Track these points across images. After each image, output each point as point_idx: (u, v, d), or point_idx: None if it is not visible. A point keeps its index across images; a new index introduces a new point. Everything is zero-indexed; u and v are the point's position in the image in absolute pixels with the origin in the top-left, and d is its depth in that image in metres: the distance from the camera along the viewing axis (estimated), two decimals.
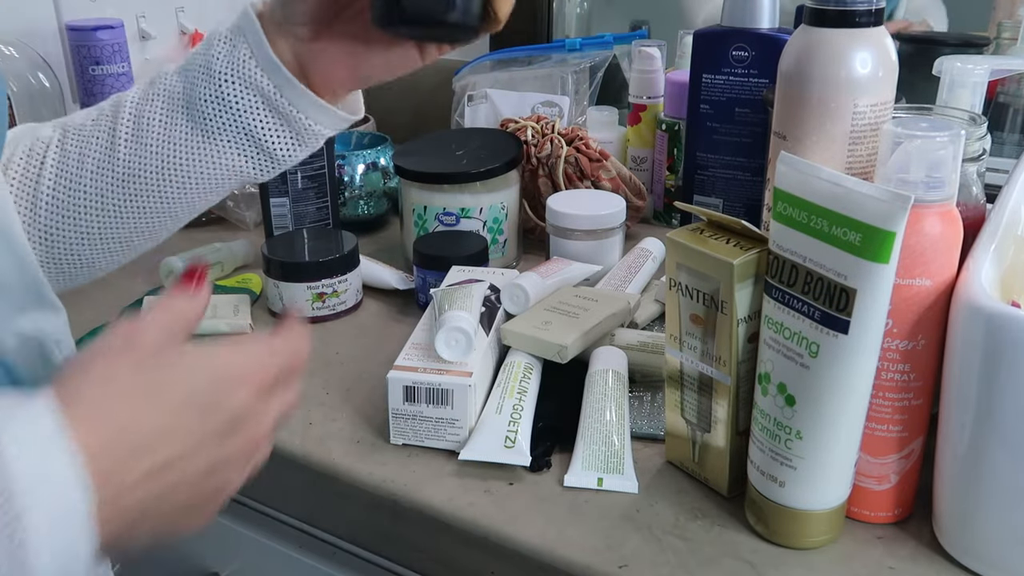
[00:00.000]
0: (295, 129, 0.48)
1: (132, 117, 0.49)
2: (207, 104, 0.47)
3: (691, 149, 0.83)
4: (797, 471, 0.46)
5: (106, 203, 0.49)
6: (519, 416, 0.56)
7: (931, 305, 0.45)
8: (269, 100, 0.47)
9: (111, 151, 0.49)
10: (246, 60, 0.46)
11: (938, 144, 0.44)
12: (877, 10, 0.50)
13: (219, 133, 0.48)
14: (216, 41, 0.48)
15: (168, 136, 0.48)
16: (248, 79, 0.47)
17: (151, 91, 0.49)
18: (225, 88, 0.47)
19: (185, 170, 0.48)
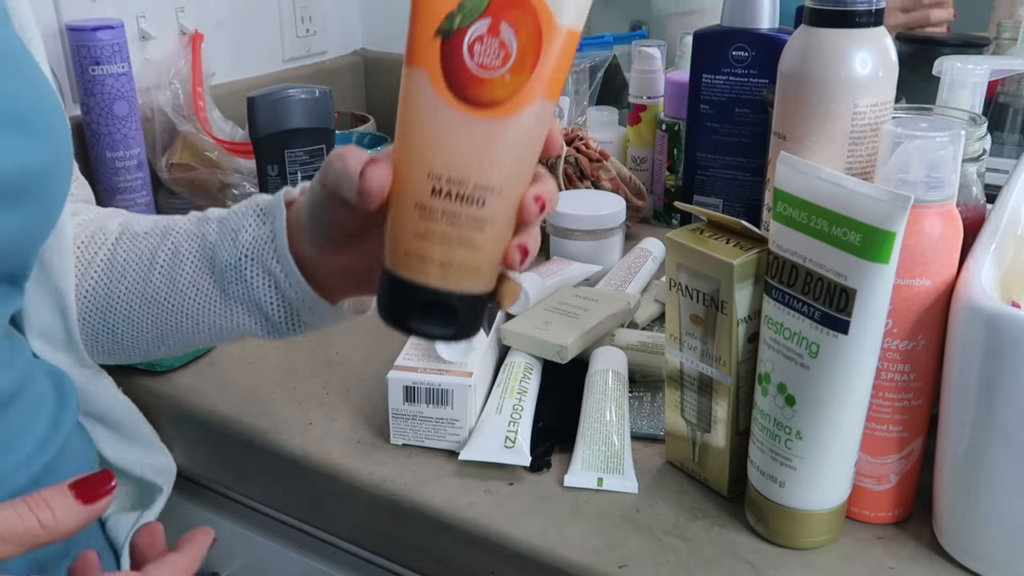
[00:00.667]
0: (298, 314, 0.51)
1: (171, 250, 0.52)
2: (227, 270, 0.50)
3: (691, 149, 0.83)
4: (797, 471, 0.46)
5: (133, 314, 0.53)
6: (519, 416, 0.56)
7: (931, 305, 0.45)
8: (279, 286, 0.49)
9: (148, 272, 0.52)
10: (266, 244, 0.49)
11: (938, 144, 0.44)
12: (877, 10, 0.50)
13: (234, 297, 0.51)
14: (249, 211, 0.50)
15: (194, 281, 0.51)
16: (264, 262, 0.49)
17: (193, 229, 0.52)
18: (244, 263, 0.50)
19: (202, 315, 0.52)
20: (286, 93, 0.80)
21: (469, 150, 0.36)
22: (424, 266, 0.37)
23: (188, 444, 0.64)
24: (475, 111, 0.36)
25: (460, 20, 0.36)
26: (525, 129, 0.37)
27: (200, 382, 0.65)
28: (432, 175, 0.37)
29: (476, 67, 0.36)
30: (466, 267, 0.37)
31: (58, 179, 0.46)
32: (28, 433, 0.48)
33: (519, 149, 0.37)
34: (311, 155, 0.83)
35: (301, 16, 1.17)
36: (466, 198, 0.36)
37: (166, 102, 0.93)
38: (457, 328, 0.39)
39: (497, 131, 0.36)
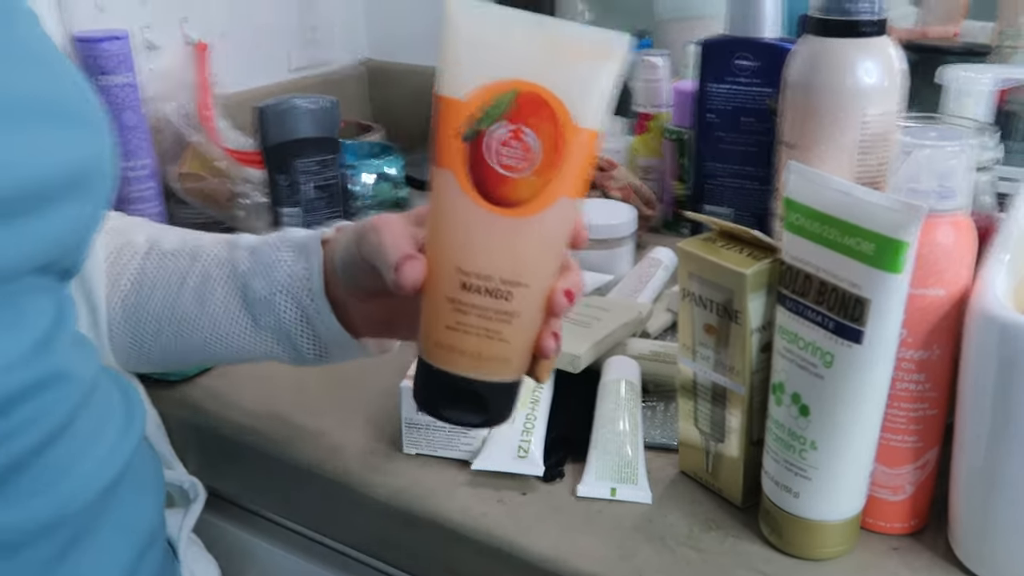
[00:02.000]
0: (327, 348, 0.52)
1: (202, 274, 0.53)
2: (260, 302, 0.52)
3: (699, 158, 0.84)
4: (812, 482, 0.46)
5: (161, 332, 0.54)
6: (532, 426, 0.56)
7: (945, 315, 0.45)
8: (310, 320, 0.51)
9: (178, 292, 0.53)
10: (301, 282, 0.51)
11: (949, 153, 0.44)
12: (880, 20, 0.50)
13: (265, 326, 0.52)
14: (283, 246, 0.52)
15: (225, 307, 0.53)
16: (298, 298, 0.51)
17: (223, 254, 0.54)
18: (278, 298, 0.51)
19: (231, 340, 0.53)
20: (294, 103, 0.80)
21: (496, 247, 0.38)
22: (454, 357, 0.39)
23: (201, 454, 0.64)
24: (501, 210, 0.38)
25: (483, 124, 0.38)
26: (549, 226, 0.39)
27: (213, 392, 0.65)
28: (461, 270, 0.39)
29: (500, 168, 0.38)
30: (495, 358, 0.40)
31: (105, 172, 0.47)
32: (104, 432, 0.47)
33: (544, 245, 0.39)
34: (321, 165, 0.83)
35: (307, 25, 1.17)
36: (493, 292, 0.39)
37: (173, 112, 0.94)
38: (488, 416, 0.41)
39: (522, 229, 0.38)
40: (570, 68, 0.37)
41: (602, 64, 0.38)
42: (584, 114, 0.38)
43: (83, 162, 0.43)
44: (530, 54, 0.38)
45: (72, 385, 0.44)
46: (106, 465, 0.47)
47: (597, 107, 0.38)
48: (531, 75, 0.37)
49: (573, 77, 0.37)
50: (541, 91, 0.37)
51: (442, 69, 0.38)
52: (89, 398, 0.46)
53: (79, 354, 0.46)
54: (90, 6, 0.90)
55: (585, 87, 0.38)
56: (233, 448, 0.62)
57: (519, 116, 0.37)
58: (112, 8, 0.92)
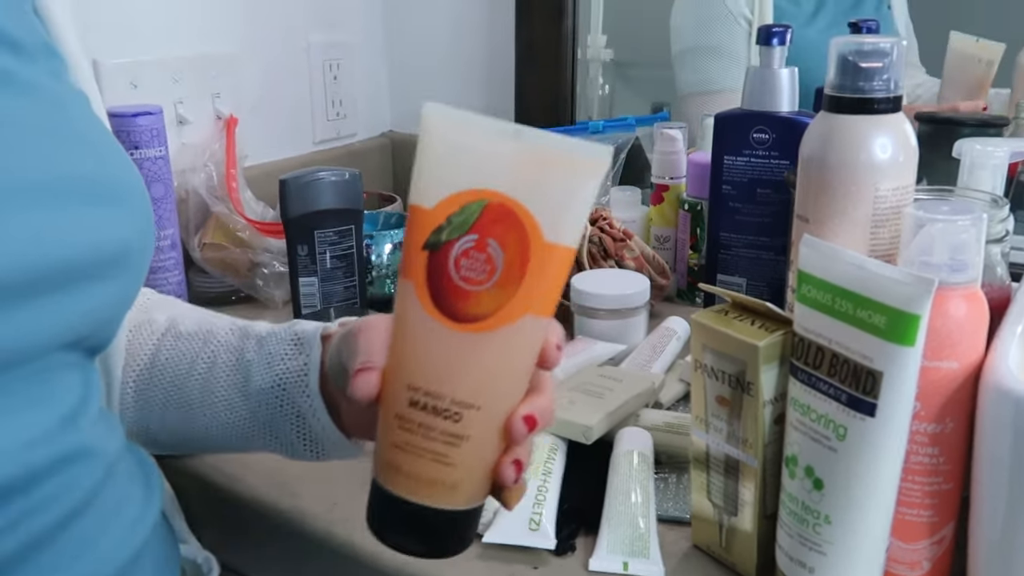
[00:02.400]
0: (322, 446, 0.52)
1: (210, 359, 0.54)
2: (259, 394, 0.52)
3: (714, 229, 0.84)
4: (827, 557, 0.45)
5: (167, 415, 0.55)
6: (544, 498, 0.55)
7: (959, 387, 0.45)
8: (304, 418, 0.51)
9: (186, 378, 0.54)
10: (299, 377, 0.51)
11: (960, 227, 0.45)
12: (895, 97, 0.51)
13: (262, 421, 0.52)
14: (289, 339, 0.52)
15: (226, 396, 0.53)
16: (293, 396, 0.51)
17: (234, 342, 0.54)
18: (275, 392, 0.51)
19: (228, 427, 0.53)
20: (317, 175, 0.82)
21: (446, 363, 0.36)
22: (399, 478, 0.37)
23: (211, 526, 0.64)
24: (456, 325, 0.36)
25: (447, 234, 0.36)
26: (508, 345, 0.36)
27: (223, 463, 0.65)
28: (410, 386, 0.36)
29: (460, 280, 0.35)
30: (439, 483, 0.37)
31: (146, 248, 0.48)
32: (124, 507, 0.47)
33: (502, 365, 0.36)
34: (340, 235, 0.84)
35: (332, 100, 1.21)
36: (442, 412, 0.36)
37: (200, 183, 0.96)
38: (432, 546, 0.38)
39: (478, 346, 0.36)
40: (544, 180, 0.35)
41: (579, 177, 0.35)
42: (555, 229, 0.35)
43: (121, 242, 0.44)
44: (504, 164, 0.35)
45: (96, 460, 0.44)
46: (127, 540, 0.47)
47: (570, 222, 0.36)
48: (502, 186, 0.35)
49: (547, 190, 0.35)
50: (510, 202, 0.35)
51: (415, 177, 0.36)
52: (112, 473, 0.46)
53: (104, 429, 0.47)
54: (125, 83, 0.94)
55: (559, 200, 0.35)
56: (242, 519, 0.62)
57: (485, 228, 0.35)
58: (146, 85, 0.96)
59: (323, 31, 1.18)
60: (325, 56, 1.18)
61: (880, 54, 0.51)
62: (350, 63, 1.22)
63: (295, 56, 1.15)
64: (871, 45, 0.51)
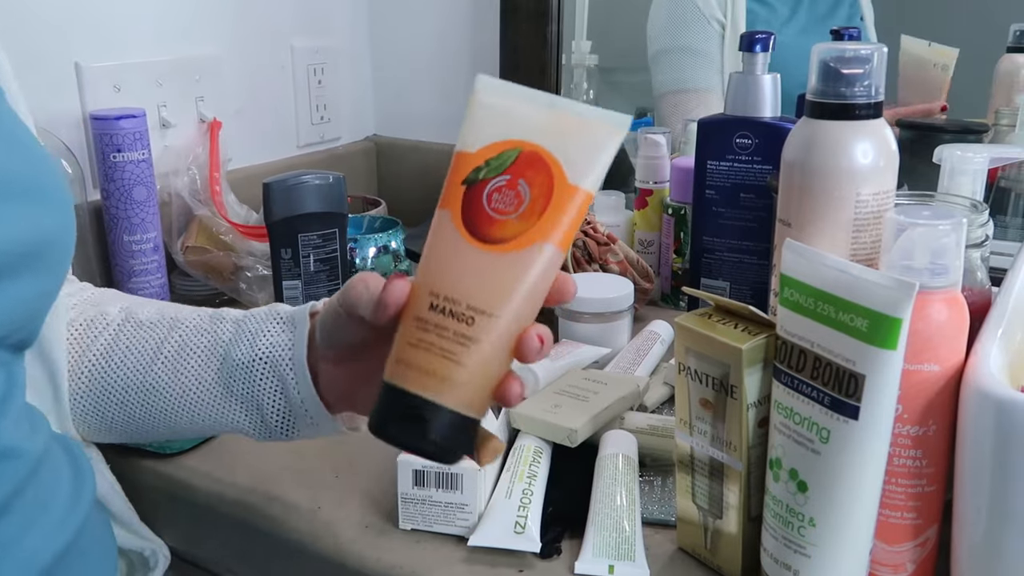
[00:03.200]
0: (296, 421, 0.53)
1: (179, 342, 0.54)
2: (237, 369, 0.52)
3: (697, 233, 0.85)
4: (811, 559, 0.46)
5: (128, 402, 0.55)
6: (529, 501, 0.55)
7: (940, 390, 0.45)
8: (286, 392, 0.52)
9: (151, 362, 0.54)
10: (284, 351, 0.52)
11: (941, 232, 0.45)
12: (876, 103, 0.52)
13: (236, 396, 0.53)
14: (272, 318, 0.53)
15: (199, 376, 0.53)
16: (278, 367, 0.52)
17: (205, 325, 0.55)
18: (257, 365, 0.52)
19: (199, 409, 0.54)
20: (301, 179, 0.82)
21: (467, 273, 0.41)
22: (408, 373, 0.41)
23: (194, 527, 0.64)
24: (482, 245, 0.41)
25: (484, 173, 0.42)
26: (524, 264, 0.41)
27: (208, 465, 0.65)
28: (433, 292, 0.41)
29: (491, 211, 0.41)
30: (445, 378, 0.40)
31: (64, 246, 0.48)
32: (50, 505, 0.47)
33: (516, 282, 0.41)
34: (324, 239, 0.84)
35: (316, 104, 1.20)
36: (457, 315, 0.40)
37: (183, 187, 0.96)
38: (429, 441, 0.40)
39: (497, 262, 0.41)
40: (572, 137, 0.42)
41: (603, 137, 0.42)
42: (577, 174, 0.41)
43: (38, 237, 0.44)
44: (539, 122, 0.42)
45: (18, 461, 0.44)
46: (53, 538, 0.46)
47: (592, 172, 0.41)
48: (536, 138, 0.42)
49: (573, 144, 0.41)
50: (541, 151, 0.41)
51: (463, 131, 0.43)
52: (36, 471, 0.46)
53: (27, 428, 0.46)
54: (108, 86, 0.93)
55: (583, 153, 0.41)
56: (227, 523, 0.62)
57: (518, 170, 0.41)
58: (129, 88, 0.95)
59: (308, 35, 1.18)
60: (310, 60, 1.18)
61: (861, 60, 0.51)
62: (334, 67, 1.22)
63: (279, 60, 1.15)
64: (853, 52, 0.51)
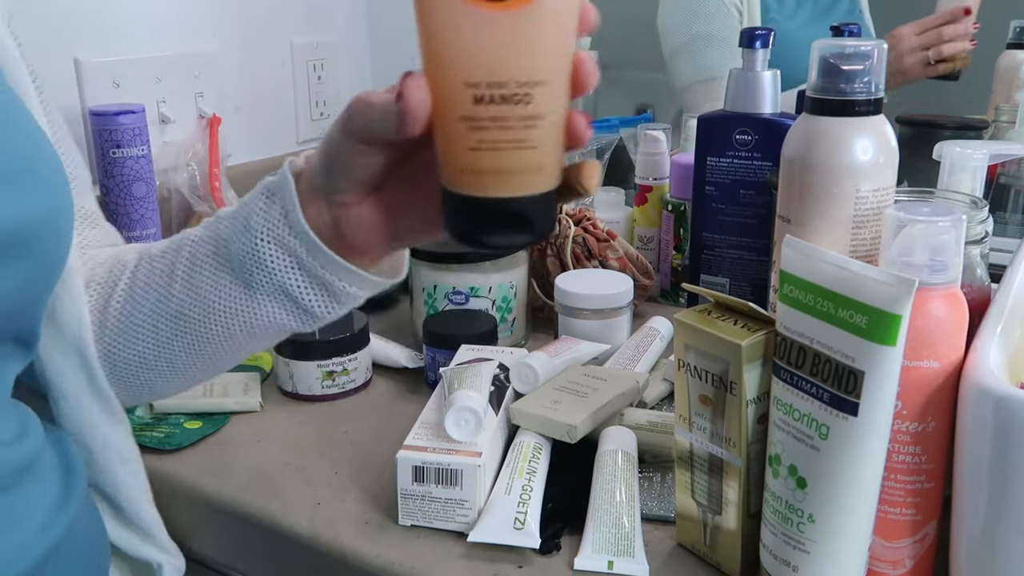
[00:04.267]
0: (329, 290, 0.48)
1: (188, 258, 0.50)
2: (245, 259, 0.48)
3: (697, 229, 0.85)
4: (810, 555, 0.46)
5: (160, 334, 0.51)
6: (528, 497, 0.55)
7: (940, 387, 0.45)
8: (301, 262, 0.47)
9: (168, 286, 0.50)
10: (279, 221, 0.47)
11: (941, 228, 0.45)
12: (876, 99, 0.52)
13: (258, 288, 0.48)
14: (256, 196, 0.48)
15: (215, 283, 0.49)
16: (281, 240, 0.47)
17: (206, 232, 0.50)
18: (261, 247, 0.47)
19: (229, 317, 0.49)
20: None
21: (500, 47, 0.34)
22: (485, 179, 0.36)
23: (195, 524, 0.64)
24: (496, 6, 0.34)
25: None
26: (551, 11, 0.34)
27: (208, 461, 0.65)
28: (469, 83, 0.35)
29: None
30: (528, 169, 0.36)
31: (55, 232, 0.45)
32: (33, 511, 0.46)
33: (553, 33, 0.35)
34: None
35: (316, 100, 1.20)
36: (510, 98, 0.34)
37: (183, 183, 0.96)
38: (533, 231, 0.37)
39: (523, 20, 0.34)
40: None
41: None
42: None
43: (17, 224, 0.41)
44: None
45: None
46: (30, 547, 0.45)
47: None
48: None
49: None
50: None
51: None
52: (18, 479, 0.44)
53: (11, 433, 0.45)
54: (107, 82, 0.93)
55: None
56: (227, 518, 0.62)
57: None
58: (129, 84, 0.95)
59: (307, 31, 1.17)
60: (309, 56, 1.18)
61: (861, 57, 0.51)
62: (334, 63, 1.22)
63: (279, 56, 1.15)
64: (853, 48, 0.51)
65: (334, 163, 0.43)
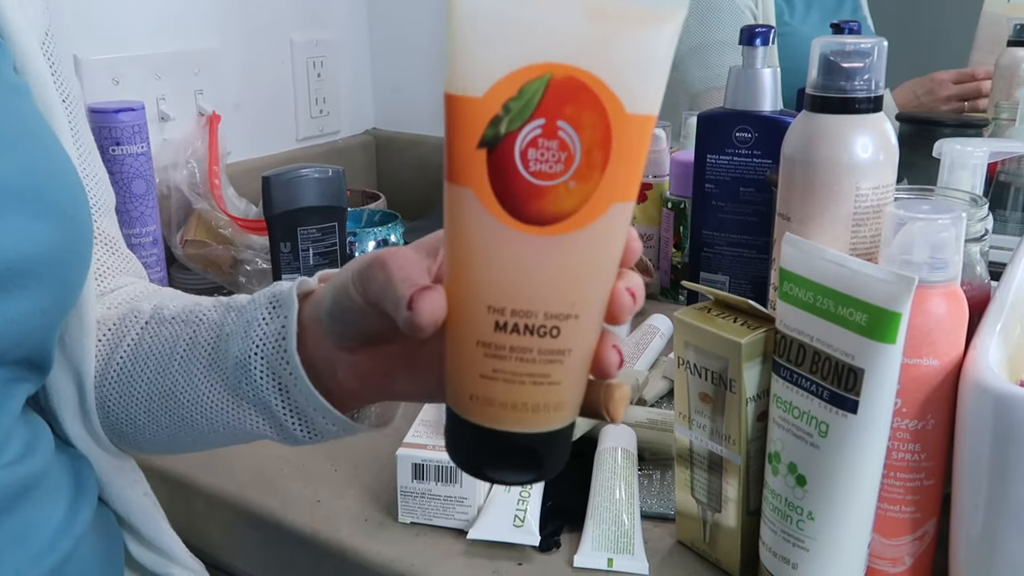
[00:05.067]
0: (309, 423, 0.45)
1: (190, 340, 0.48)
2: (238, 368, 0.45)
3: (697, 227, 0.85)
4: (810, 553, 0.46)
5: (152, 408, 0.49)
6: (528, 495, 0.55)
7: (939, 384, 0.45)
8: (287, 391, 0.44)
9: (168, 363, 0.49)
10: (274, 342, 0.44)
11: (940, 226, 0.45)
12: (876, 97, 0.52)
13: (244, 398, 0.46)
14: (263, 302, 0.45)
15: (207, 378, 0.47)
16: (272, 363, 0.44)
17: (216, 317, 0.48)
18: (253, 362, 0.44)
19: (214, 414, 0.47)
20: (300, 172, 0.82)
21: (532, 274, 0.31)
22: (496, 411, 0.32)
23: (193, 521, 0.64)
24: (536, 229, 0.30)
25: (507, 125, 0.29)
26: (599, 241, 0.31)
27: (207, 458, 0.65)
28: (493, 308, 0.31)
29: (531, 176, 0.30)
30: (545, 407, 0.32)
31: (71, 262, 0.44)
32: (41, 528, 0.45)
33: (593, 264, 0.31)
34: (323, 232, 0.84)
35: (316, 97, 1.20)
36: (536, 330, 0.31)
37: (182, 180, 0.96)
38: (541, 470, 0.34)
39: (565, 249, 0.30)
40: (615, 40, 0.29)
41: (655, 30, 0.29)
42: (636, 97, 0.30)
43: (28, 252, 0.40)
44: (562, 29, 0.29)
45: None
46: (34, 566, 0.44)
47: (652, 86, 0.30)
48: (566, 55, 0.29)
49: (620, 51, 0.29)
50: (578, 73, 0.29)
51: (450, 63, 0.30)
52: (23, 496, 0.44)
53: (17, 451, 0.44)
54: (107, 79, 0.93)
55: (636, 63, 0.29)
56: (226, 517, 0.62)
57: (553, 109, 0.29)
58: (128, 81, 0.95)
59: (307, 29, 1.17)
60: (309, 53, 1.18)
61: (861, 54, 0.51)
62: (334, 61, 1.22)
63: (279, 53, 1.14)
64: (852, 45, 0.51)
65: (341, 311, 0.40)
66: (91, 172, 0.54)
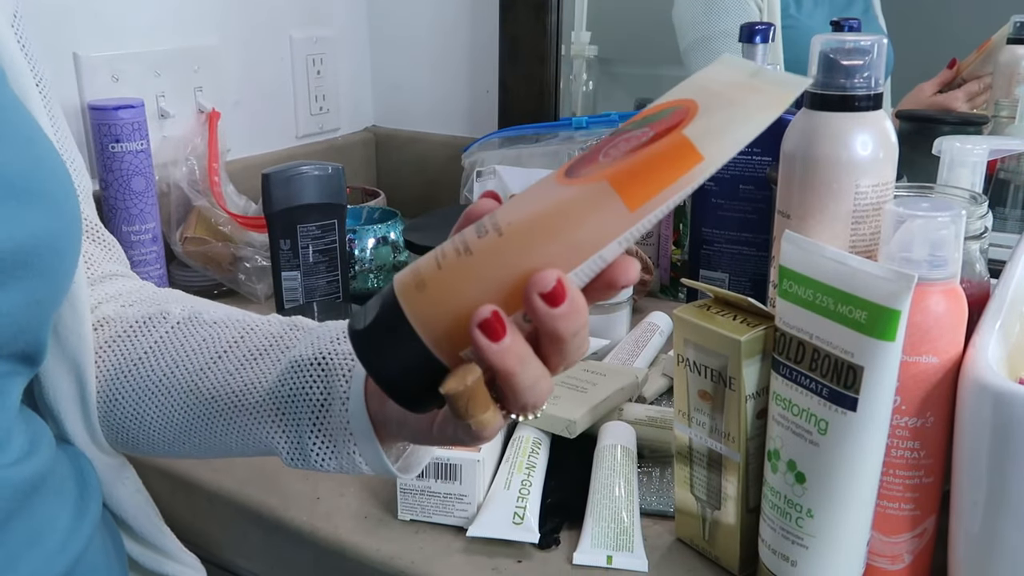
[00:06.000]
0: (335, 450, 0.45)
1: (232, 341, 0.48)
2: (292, 367, 0.45)
3: (696, 225, 0.85)
4: (809, 550, 0.46)
5: (168, 400, 0.49)
6: (527, 492, 0.55)
7: (939, 382, 0.45)
8: (329, 405, 0.44)
9: (198, 358, 0.48)
10: (343, 359, 0.44)
11: (940, 224, 0.45)
12: (876, 94, 0.52)
13: (273, 404, 0.46)
14: (343, 329, 0.46)
15: (241, 375, 0.47)
16: (330, 371, 0.44)
17: (272, 328, 0.48)
18: (311, 365, 0.45)
19: (232, 414, 0.47)
20: (300, 170, 0.82)
21: (525, 197, 0.36)
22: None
23: (194, 518, 0.64)
24: (563, 180, 0.35)
25: (630, 126, 0.36)
26: (574, 201, 0.35)
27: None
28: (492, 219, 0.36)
29: (602, 155, 0.35)
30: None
31: (61, 251, 0.43)
32: (51, 529, 0.45)
33: (562, 213, 0.35)
34: (323, 229, 0.84)
35: (315, 94, 1.20)
36: (483, 230, 0.35)
37: (182, 177, 0.96)
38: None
39: (556, 189, 0.35)
40: (725, 92, 0.35)
41: (755, 107, 0.34)
42: (701, 131, 0.34)
43: (20, 242, 0.39)
44: (714, 83, 0.35)
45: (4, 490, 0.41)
46: (62, 550, 0.44)
47: (719, 137, 0.34)
48: (697, 95, 0.35)
49: (721, 98, 0.34)
50: (689, 104, 0.34)
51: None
52: (28, 500, 0.43)
53: (23, 450, 0.43)
54: (106, 76, 0.93)
55: (724, 111, 0.34)
56: (226, 514, 0.62)
57: (658, 122, 0.35)
58: (128, 78, 0.95)
59: (307, 26, 1.17)
60: (309, 51, 1.18)
61: (861, 52, 0.51)
62: (333, 58, 1.22)
63: (278, 50, 1.14)
64: (852, 43, 0.51)
65: (405, 423, 0.42)
66: (69, 157, 0.52)
